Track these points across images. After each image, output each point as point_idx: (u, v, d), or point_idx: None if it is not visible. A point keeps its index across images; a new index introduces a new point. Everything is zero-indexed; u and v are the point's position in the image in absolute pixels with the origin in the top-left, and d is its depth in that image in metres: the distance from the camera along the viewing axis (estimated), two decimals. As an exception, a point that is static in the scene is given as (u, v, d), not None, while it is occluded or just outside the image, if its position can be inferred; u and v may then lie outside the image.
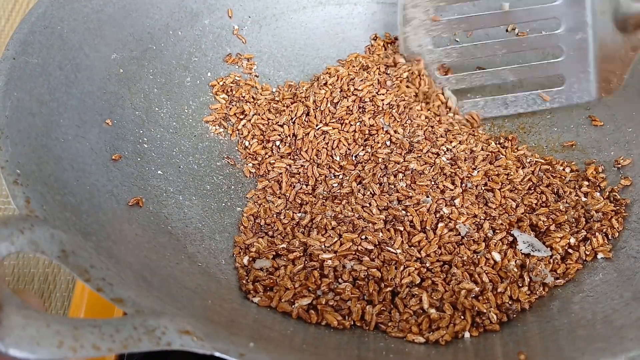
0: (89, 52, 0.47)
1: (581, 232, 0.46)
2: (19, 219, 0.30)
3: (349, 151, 0.53)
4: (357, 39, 0.64)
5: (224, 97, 0.57)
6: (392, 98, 0.55)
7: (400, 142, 0.52)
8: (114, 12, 0.50)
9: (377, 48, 0.63)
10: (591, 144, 0.55)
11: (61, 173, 0.39)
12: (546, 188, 0.50)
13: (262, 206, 0.50)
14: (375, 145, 0.53)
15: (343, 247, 0.45)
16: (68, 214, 0.35)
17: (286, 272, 0.44)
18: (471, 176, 0.49)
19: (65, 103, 0.43)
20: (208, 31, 0.59)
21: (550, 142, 0.57)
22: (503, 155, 0.52)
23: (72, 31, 0.46)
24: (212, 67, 0.59)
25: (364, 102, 0.55)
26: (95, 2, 0.49)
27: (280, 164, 0.53)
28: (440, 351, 0.39)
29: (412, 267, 0.44)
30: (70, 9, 0.46)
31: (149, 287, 0.35)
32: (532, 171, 0.51)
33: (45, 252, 0.30)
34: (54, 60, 0.43)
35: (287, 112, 0.56)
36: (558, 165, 0.53)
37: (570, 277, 0.45)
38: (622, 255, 0.45)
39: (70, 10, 0.46)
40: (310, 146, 0.53)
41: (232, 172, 0.53)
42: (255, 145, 0.54)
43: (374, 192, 0.48)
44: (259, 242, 0.46)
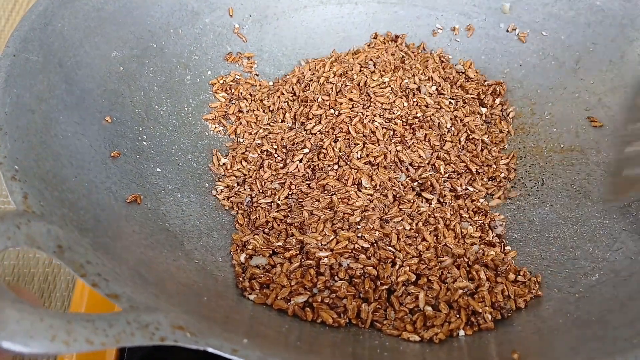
0: (89, 50, 0.47)
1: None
2: (15, 215, 0.30)
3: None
4: (357, 38, 0.64)
5: (223, 96, 0.58)
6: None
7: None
8: (115, 10, 0.51)
9: (377, 44, 0.63)
10: (590, 145, 0.55)
11: (60, 169, 0.39)
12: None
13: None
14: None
15: (339, 245, 0.45)
16: (66, 210, 0.36)
17: (282, 269, 0.44)
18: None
19: (64, 100, 0.43)
20: (209, 30, 0.59)
21: (550, 142, 0.57)
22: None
23: (73, 29, 0.46)
24: (212, 66, 0.59)
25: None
26: (96, 0, 0.49)
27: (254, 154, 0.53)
28: (434, 349, 0.39)
29: (410, 263, 0.44)
30: (71, 7, 0.47)
31: (145, 283, 0.35)
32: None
33: (41, 247, 0.30)
34: (54, 57, 0.44)
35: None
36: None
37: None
38: (619, 256, 0.45)
39: (71, 8, 0.46)
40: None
41: (231, 170, 0.53)
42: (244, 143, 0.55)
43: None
44: (255, 239, 0.47)
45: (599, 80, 0.57)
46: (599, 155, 0.54)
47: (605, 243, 0.47)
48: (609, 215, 0.49)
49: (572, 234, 0.49)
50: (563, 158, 0.55)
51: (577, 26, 0.59)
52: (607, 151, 0.54)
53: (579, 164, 0.54)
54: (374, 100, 0.56)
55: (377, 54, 0.61)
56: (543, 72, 0.60)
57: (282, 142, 0.54)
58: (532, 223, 0.51)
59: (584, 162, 0.54)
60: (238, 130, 0.56)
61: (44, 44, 0.43)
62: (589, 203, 0.51)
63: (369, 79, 0.57)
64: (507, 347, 0.39)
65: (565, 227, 0.49)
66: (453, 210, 0.50)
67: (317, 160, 0.52)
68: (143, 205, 0.45)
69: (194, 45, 0.58)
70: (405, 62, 0.61)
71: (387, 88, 0.57)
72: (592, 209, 0.50)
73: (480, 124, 0.57)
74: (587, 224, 0.49)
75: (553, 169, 0.55)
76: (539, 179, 0.54)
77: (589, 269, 0.45)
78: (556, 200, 0.52)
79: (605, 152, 0.54)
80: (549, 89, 0.59)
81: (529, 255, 0.48)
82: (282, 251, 0.45)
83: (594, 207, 0.50)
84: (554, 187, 0.53)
